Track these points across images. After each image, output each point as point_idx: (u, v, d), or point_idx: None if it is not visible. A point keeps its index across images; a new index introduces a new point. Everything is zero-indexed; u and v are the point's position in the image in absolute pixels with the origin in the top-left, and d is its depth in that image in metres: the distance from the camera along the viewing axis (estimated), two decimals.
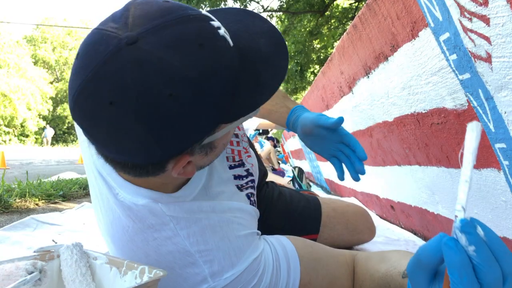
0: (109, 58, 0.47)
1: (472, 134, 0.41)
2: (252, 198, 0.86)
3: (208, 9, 0.69)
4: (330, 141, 0.90)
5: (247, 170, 0.89)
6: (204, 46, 0.49)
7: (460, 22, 0.74)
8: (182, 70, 0.47)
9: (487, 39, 0.69)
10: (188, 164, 0.60)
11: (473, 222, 0.39)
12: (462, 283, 0.38)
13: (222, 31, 0.53)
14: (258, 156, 1.14)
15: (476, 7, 0.68)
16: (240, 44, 0.57)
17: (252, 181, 0.90)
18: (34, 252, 0.69)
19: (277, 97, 1.04)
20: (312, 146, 0.95)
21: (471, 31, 0.72)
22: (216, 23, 0.52)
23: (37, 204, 2.47)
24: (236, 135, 0.92)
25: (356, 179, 0.88)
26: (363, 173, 0.87)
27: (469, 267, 0.38)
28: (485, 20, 0.67)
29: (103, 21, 0.53)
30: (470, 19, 0.71)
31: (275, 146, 6.19)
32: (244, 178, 0.87)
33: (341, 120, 0.85)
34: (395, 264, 0.70)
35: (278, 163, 6.22)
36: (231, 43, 0.54)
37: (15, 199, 2.34)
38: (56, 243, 0.69)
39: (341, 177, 0.92)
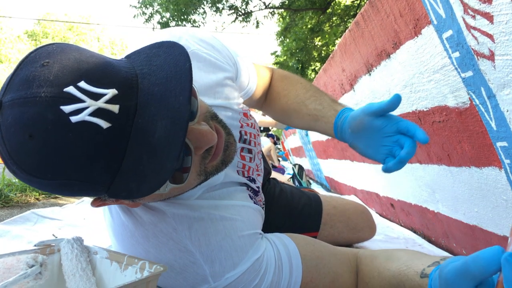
0: None
1: None
2: (255, 198, 0.87)
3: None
4: (384, 134, 0.75)
5: (253, 188, 0.89)
6: (35, 137, 0.45)
7: (464, 19, 0.74)
8: (11, 156, 0.47)
9: (490, 36, 0.69)
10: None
11: None
12: None
13: (82, 115, 0.46)
14: (263, 155, 1.13)
15: (480, 4, 0.68)
16: (137, 120, 0.49)
17: (257, 194, 0.90)
18: (35, 246, 0.69)
19: (324, 101, 0.93)
20: (364, 148, 0.79)
21: (475, 28, 0.72)
22: (71, 106, 0.45)
23: (37, 199, 2.47)
24: (250, 151, 0.90)
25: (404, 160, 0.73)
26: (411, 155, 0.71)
27: None
28: (489, 17, 0.67)
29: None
30: (474, 17, 0.71)
31: (275, 143, 6.19)
32: (251, 191, 0.88)
33: (398, 98, 0.71)
34: (408, 263, 0.69)
35: (278, 160, 6.23)
36: (104, 125, 0.46)
37: (15, 194, 2.34)
38: (56, 237, 0.70)
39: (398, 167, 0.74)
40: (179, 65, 0.51)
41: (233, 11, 10.39)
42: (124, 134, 0.48)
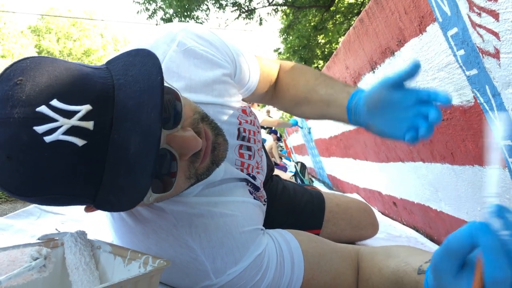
0: None
1: (501, 125, 0.43)
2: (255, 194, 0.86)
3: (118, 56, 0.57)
4: (405, 105, 0.70)
5: (254, 184, 0.88)
6: (12, 158, 0.46)
7: (469, 17, 0.74)
8: None
9: (495, 34, 0.68)
10: None
11: (506, 208, 0.39)
12: (497, 266, 0.37)
13: (56, 134, 0.46)
14: (266, 152, 1.13)
15: (486, 2, 0.67)
16: (113, 136, 0.49)
17: (258, 189, 0.90)
18: (38, 239, 0.69)
19: (336, 85, 0.90)
20: (383, 125, 0.74)
21: (480, 26, 0.72)
22: (44, 127, 0.45)
23: None
24: (249, 148, 0.89)
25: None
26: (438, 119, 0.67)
27: (504, 251, 0.38)
28: (494, 15, 0.67)
29: None
30: (479, 14, 0.70)
31: (278, 140, 6.18)
32: (251, 186, 0.88)
33: (417, 64, 0.67)
34: (407, 259, 0.69)
35: (280, 158, 6.23)
36: (79, 143, 0.47)
37: None
38: (59, 231, 0.70)
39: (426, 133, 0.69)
40: (151, 78, 0.50)
41: (236, 8, 10.38)
42: (100, 149, 0.48)
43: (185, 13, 10.09)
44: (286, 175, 2.92)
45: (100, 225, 1.59)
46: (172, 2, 9.70)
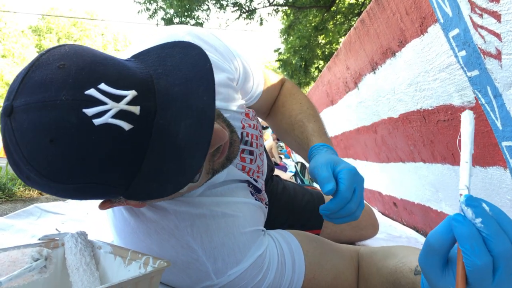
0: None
1: (466, 120, 0.44)
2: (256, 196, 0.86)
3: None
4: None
5: (255, 186, 0.88)
6: (56, 142, 0.44)
7: (471, 18, 0.74)
8: (29, 162, 0.46)
9: (497, 35, 0.68)
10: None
11: (478, 198, 0.41)
12: (474, 254, 0.38)
13: (105, 117, 0.45)
14: (266, 153, 1.13)
15: (487, 3, 0.67)
16: (157, 121, 0.49)
17: (259, 191, 0.90)
18: (39, 240, 0.69)
19: (305, 130, 0.90)
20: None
21: (482, 27, 0.71)
22: (93, 109, 0.45)
23: (40, 193, 2.48)
24: (251, 153, 0.89)
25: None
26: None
27: (479, 238, 0.39)
28: (496, 16, 0.67)
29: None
30: (481, 15, 0.70)
31: (278, 139, 6.18)
32: (252, 188, 0.88)
33: (332, 191, 0.67)
34: (404, 260, 0.70)
35: (280, 157, 6.22)
36: (126, 127, 0.47)
37: (19, 188, 2.35)
38: (59, 232, 0.70)
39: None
40: (198, 65, 0.52)
41: (237, 8, 10.37)
42: (145, 135, 0.48)
43: (186, 13, 10.09)
44: (286, 175, 2.91)
45: (101, 225, 1.60)
46: (172, 2, 9.70)
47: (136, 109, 0.47)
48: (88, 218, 1.75)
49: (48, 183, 0.47)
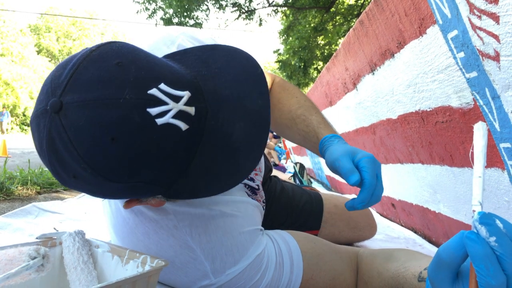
0: (47, 134, 0.46)
1: (479, 133, 0.44)
2: (254, 195, 0.86)
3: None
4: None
5: (251, 186, 0.88)
6: (118, 140, 0.44)
7: (469, 19, 0.74)
8: (84, 159, 0.45)
9: (496, 37, 0.69)
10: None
11: (491, 215, 0.40)
12: (489, 274, 0.38)
13: (167, 117, 0.46)
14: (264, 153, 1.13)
15: (486, 4, 0.67)
16: (209, 122, 0.50)
17: (255, 192, 0.90)
18: (37, 238, 0.69)
19: (311, 123, 0.89)
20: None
21: (480, 29, 0.72)
22: (157, 109, 0.46)
23: (38, 193, 2.48)
24: None
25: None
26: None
27: (494, 257, 0.38)
28: (495, 18, 0.67)
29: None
30: (480, 17, 0.70)
31: (275, 137, 6.16)
32: (248, 189, 0.87)
33: (357, 182, 0.65)
34: (406, 264, 0.69)
35: (279, 157, 6.22)
36: (183, 127, 0.48)
37: (16, 187, 2.35)
38: (57, 231, 0.70)
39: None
40: (249, 70, 0.53)
41: (236, 8, 10.37)
42: (198, 135, 0.50)
43: (185, 13, 10.08)
44: (285, 176, 2.91)
45: (99, 224, 1.59)
46: (172, 2, 9.69)
47: (192, 110, 0.49)
48: (86, 217, 1.75)
49: (102, 182, 0.47)
